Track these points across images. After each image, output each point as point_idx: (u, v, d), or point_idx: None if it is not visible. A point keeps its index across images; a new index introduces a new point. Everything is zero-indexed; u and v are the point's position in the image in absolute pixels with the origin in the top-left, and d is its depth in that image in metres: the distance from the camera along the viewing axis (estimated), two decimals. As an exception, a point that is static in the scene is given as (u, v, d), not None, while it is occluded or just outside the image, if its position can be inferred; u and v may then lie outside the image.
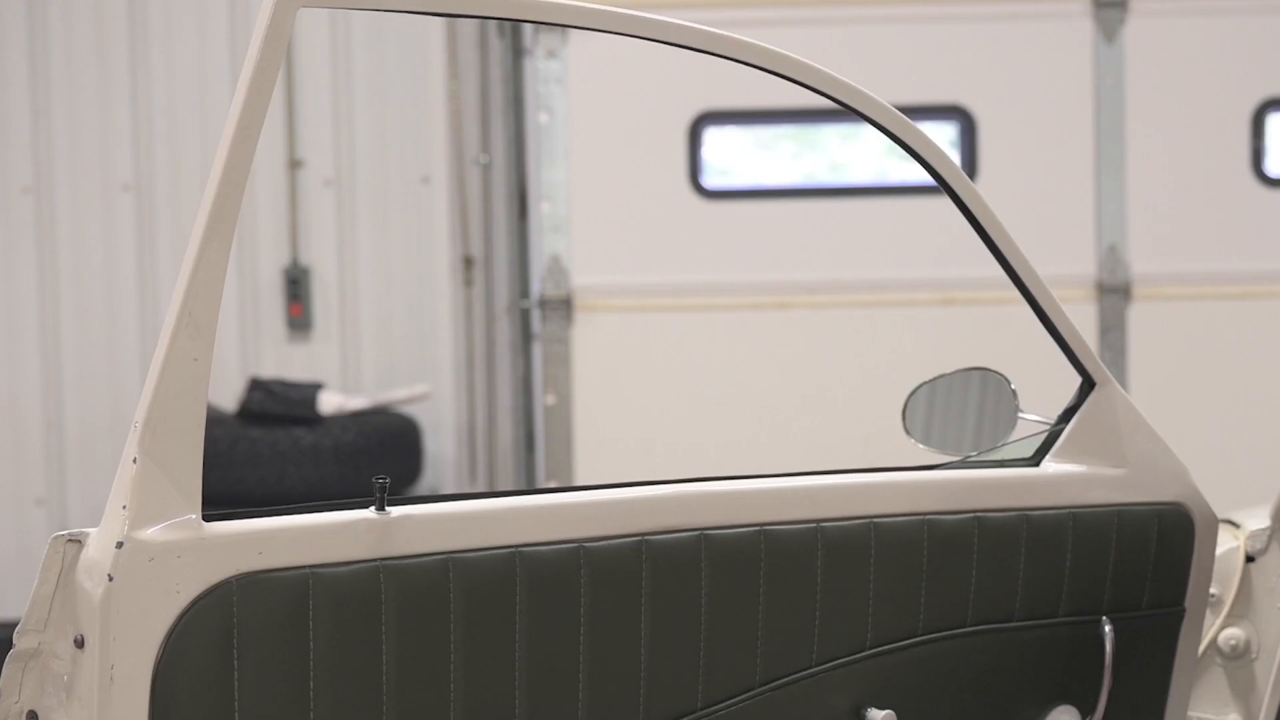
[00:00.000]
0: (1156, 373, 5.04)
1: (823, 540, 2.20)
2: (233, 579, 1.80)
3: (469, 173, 5.98)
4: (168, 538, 1.78)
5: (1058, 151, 5.08)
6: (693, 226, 5.12)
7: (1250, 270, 5.07)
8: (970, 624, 2.33)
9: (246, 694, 1.81)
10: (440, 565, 1.91)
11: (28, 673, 1.83)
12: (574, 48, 5.07)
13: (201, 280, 1.80)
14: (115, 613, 1.74)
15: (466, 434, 6.00)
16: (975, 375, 2.57)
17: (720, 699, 2.13)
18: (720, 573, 2.12)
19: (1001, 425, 2.50)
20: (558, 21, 2.07)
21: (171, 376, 1.79)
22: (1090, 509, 2.41)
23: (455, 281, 5.98)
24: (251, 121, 1.81)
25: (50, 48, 5.92)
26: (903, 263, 5.10)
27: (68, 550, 1.81)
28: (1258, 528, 2.71)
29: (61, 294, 5.96)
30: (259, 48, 1.82)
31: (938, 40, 5.08)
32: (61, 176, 5.94)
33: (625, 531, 2.05)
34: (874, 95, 2.24)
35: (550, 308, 5.11)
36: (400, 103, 5.98)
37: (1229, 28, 5.05)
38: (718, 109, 5.13)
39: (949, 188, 2.32)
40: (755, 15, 5.02)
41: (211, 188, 1.81)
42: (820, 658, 2.21)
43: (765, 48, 2.18)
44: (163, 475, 1.78)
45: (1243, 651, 2.73)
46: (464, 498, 2.00)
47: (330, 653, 1.85)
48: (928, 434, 2.56)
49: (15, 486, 5.97)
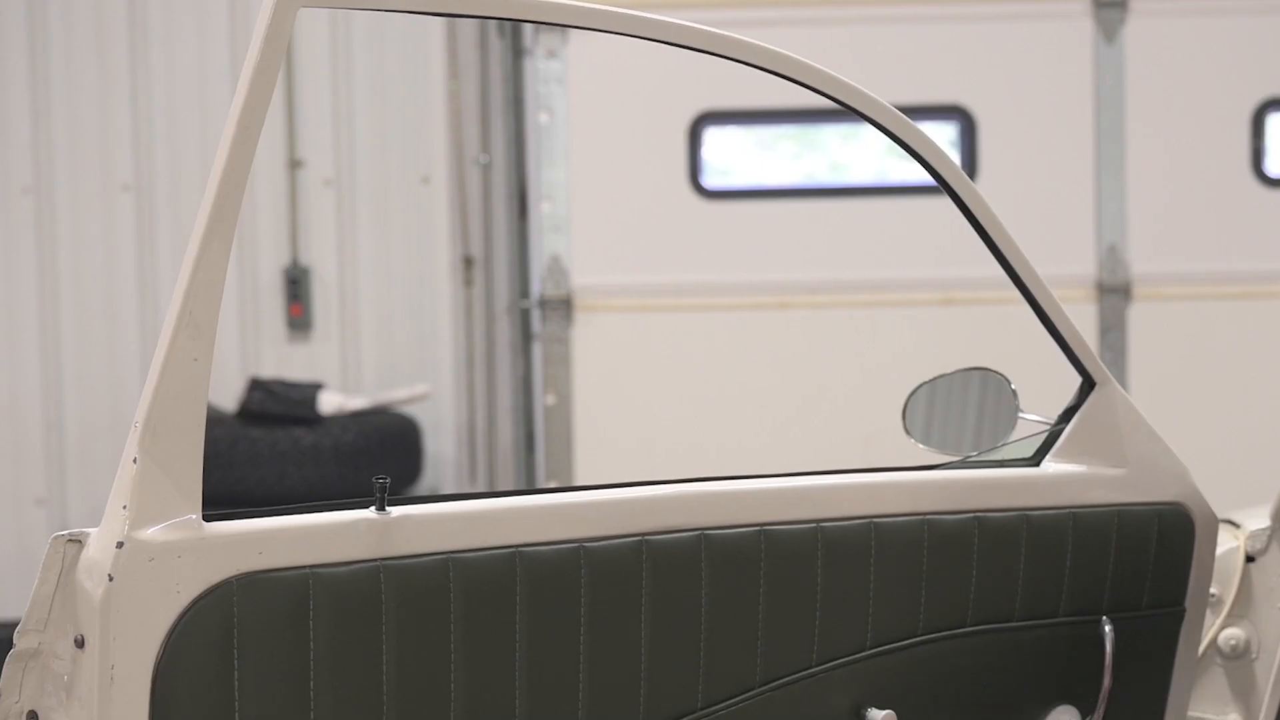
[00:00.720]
0: (1156, 373, 5.04)
1: (823, 540, 2.20)
2: (233, 579, 1.80)
3: (469, 173, 5.98)
4: (168, 538, 1.77)
5: (1058, 151, 5.08)
6: (693, 226, 5.12)
7: (1250, 270, 5.07)
8: (970, 624, 2.32)
9: (247, 694, 1.81)
10: (440, 565, 1.91)
11: (28, 673, 1.83)
12: (574, 48, 5.06)
13: (201, 280, 1.80)
14: (115, 613, 1.74)
15: (466, 434, 6.00)
16: (975, 375, 2.57)
17: (720, 699, 2.12)
18: (720, 573, 2.12)
19: (1001, 425, 2.50)
20: (558, 22, 2.07)
21: (171, 376, 1.79)
22: (1090, 509, 2.41)
23: (455, 281, 5.98)
24: (251, 121, 1.81)
25: (50, 48, 5.92)
26: (903, 263, 5.10)
27: (68, 550, 1.81)
28: (1258, 528, 2.71)
29: (61, 294, 5.96)
30: (259, 48, 1.82)
31: (938, 40, 5.08)
32: (61, 176, 5.94)
33: (625, 531, 2.05)
34: (874, 95, 2.24)
35: (550, 308, 5.11)
36: (400, 103, 5.98)
37: (1229, 28, 5.05)
38: (718, 109, 5.13)
39: (949, 188, 2.32)
40: (755, 15, 5.02)
41: (211, 188, 1.81)
42: (820, 658, 2.21)
43: (766, 48, 2.18)
44: (163, 475, 1.78)
45: (1243, 651, 2.73)
46: (464, 498, 2.00)
47: (330, 653, 1.85)
48: (928, 434, 2.55)
49: (15, 486, 5.96)
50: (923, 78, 5.08)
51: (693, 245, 5.12)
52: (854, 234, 5.11)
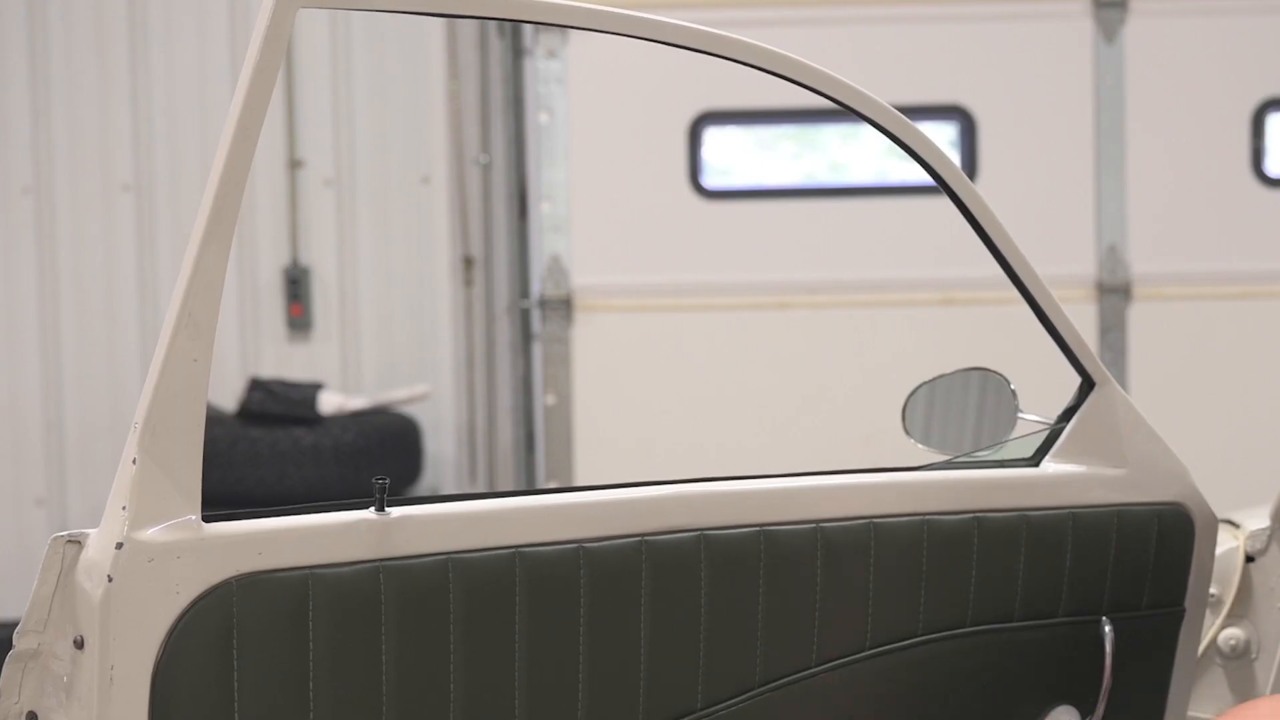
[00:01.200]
0: (1156, 373, 5.04)
1: (822, 541, 2.20)
2: (232, 579, 1.79)
3: (469, 173, 5.98)
4: (167, 538, 1.77)
5: (1058, 151, 5.08)
6: (693, 226, 5.12)
7: (1250, 270, 5.07)
8: (970, 624, 2.32)
9: (246, 695, 1.80)
10: (440, 566, 1.91)
11: (27, 673, 1.83)
12: (574, 48, 5.07)
13: (201, 280, 1.80)
14: (115, 613, 1.74)
15: (466, 434, 6.00)
16: (975, 375, 2.57)
17: (720, 699, 2.12)
18: (720, 573, 2.11)
19: (1001, 425, 2.50)
20: (558, 22, 2.07)
21: (171, 376, 1.79)
22: (1090, 509, 2.41)
23: (455, 281, 5.98)
24: (251, 121, 1.81)
25: (50, 48, 5.92)
26: (903, 263, 5.10)
27: (67, 551, 1.80)
28: (1257, 528, 2.71)
29: (61, 294, 5.96)
30: (259, 48, 1.82)
31: (938, 40, 5.08)
32: (61, 176, 5.94)
33: (625, 532, 2.05)
34: (874, 95, 2.24)
35: (550, 308, 5.11)
36: (400, 103, 5.98)
37: (1229, 28, 5.05)
38: (718, 109, 5.13)
39: (949, 188, 2.31)
40: (755, 15, 5.02)
41: (211, 188, 1.80)
42: (820, 658, 2.20)
43: (765, 48, 2.18)
44: (163, 475, 1.78)
45: (1243, 651, 2.73)
46: (464, 498, 2.00)
47: (330, 653, 1.85)
48: (927, 434, 2.55)
49: (15, 486, 5.96)
50: (923, 78, 5.08)
51: (693, 245, 5.12)
52: (854, 234, 5.11)
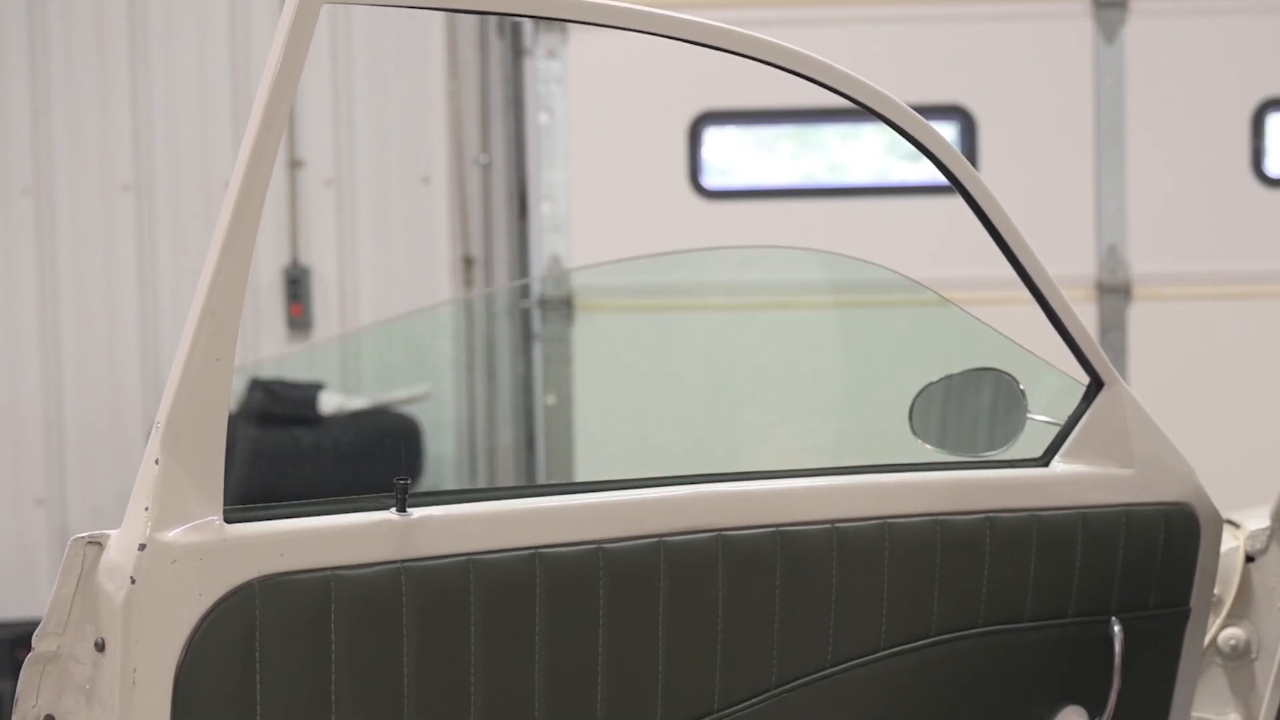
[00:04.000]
0: (1156, 373, 5.05)
1: (838, 541, 2.20)
2: (254, 581, 1.79)
3: (469, 173, 5.98)
4: (190, 540, 1.77)
5: (1058, 151, 5.09)
6: (693, 226, 5.12)
7: (1250, 270, 5.08)
8: (982, 624, 2.33)
9: (268, 697, 1.80)
10: (461, 567, 1.91)
11: (45, 676, 1.82)
12: (574, 48, 5.07)
13: (225, 278, 1.79)
14: (137, 616, 1.74)
15: (466, 434, 6.00)
16: (983, 375, 2.57)
17: (737, 700, 2.13)
18: (737, 574, 2.12)
19: (1011, 426, 2.50)
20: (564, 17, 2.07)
21: (194, 376, 1.78)
22: (1099, 509, 2.42)
23: (455, 281, 5.98)
24: (275, 118, 1.79)
25: (50, 48, 5.91)
26: (903, 263, 5.09)
27: (88, 553, 1.79)
28: (1258, 528, 2.72)
29: (61, 294, 5.95)
30: (283, 44, 1.80)
31: (938, 40, 5.09)
32: (61, 176, 5.94)
33: (643, 532, 2.05)
34: (887, 92, 2.24)
35: (550, 308, 5.12)
36: (400, 103, 5.97)
37: (1229, 28, 5.06)
38: (718, 109, 5.14)
39: (960, 185, 2.32)
40: (755, 15, 5.02)
41: (235, 184, 1.79)
42: (835, 659, 2.21)
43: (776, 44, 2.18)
44: (185, 476, 1.77)
45: (1243, 651, 2.73)
46: (483, 494, 2.00)
47: (351, 655, 1.85)
48: (935, 435, 2.55)
49: (15, 486, 5.95)
50: (922, 78, 5.08)
51: (692, 245, 5.12)
52: (854, 234, 5.11)
